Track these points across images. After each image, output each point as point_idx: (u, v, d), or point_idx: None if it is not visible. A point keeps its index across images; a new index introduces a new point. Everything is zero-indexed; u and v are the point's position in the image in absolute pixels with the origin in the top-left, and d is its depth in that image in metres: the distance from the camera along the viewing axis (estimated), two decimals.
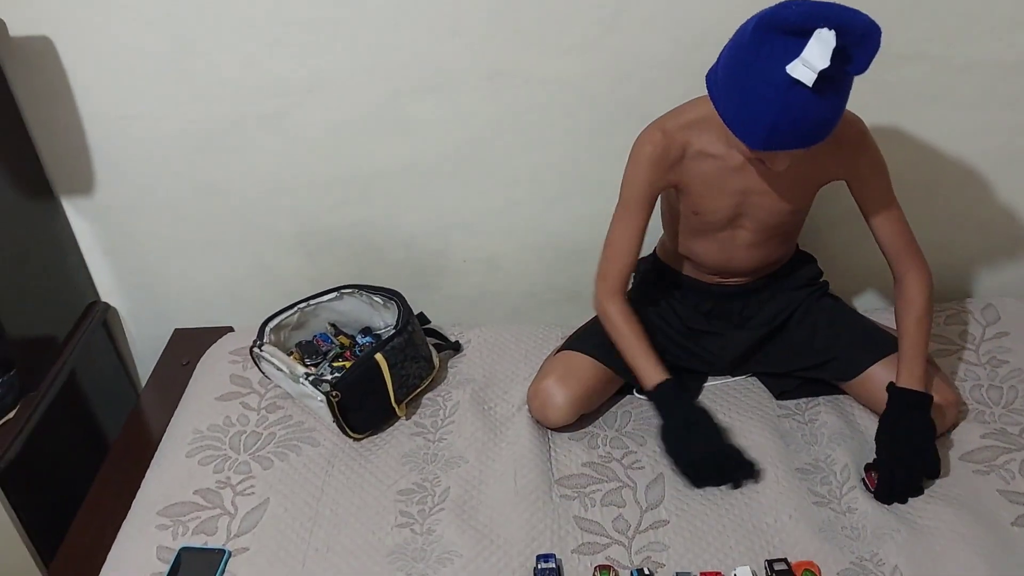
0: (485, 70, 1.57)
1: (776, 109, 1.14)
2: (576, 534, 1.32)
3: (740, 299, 1.56)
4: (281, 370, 1.46)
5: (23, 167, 1.64)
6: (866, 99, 1.58)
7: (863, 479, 1.37)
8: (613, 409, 1.55)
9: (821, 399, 1.53)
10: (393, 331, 1.51)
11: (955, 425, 1.44)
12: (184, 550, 1.30)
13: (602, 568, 1.25)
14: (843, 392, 1.52)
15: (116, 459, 1.54)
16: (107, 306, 1.87)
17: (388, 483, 1.41)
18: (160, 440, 1.53)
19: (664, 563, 1.26)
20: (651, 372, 1.42)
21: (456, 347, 1.68)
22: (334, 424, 1.45)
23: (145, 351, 1.93)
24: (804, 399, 1.54)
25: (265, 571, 1.27)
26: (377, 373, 1.44)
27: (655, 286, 1.61)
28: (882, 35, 1.11)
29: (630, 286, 1.54)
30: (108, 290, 1.86)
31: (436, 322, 1.76)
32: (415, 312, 1.72)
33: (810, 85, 1.10)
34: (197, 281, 1.85)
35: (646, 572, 1.24)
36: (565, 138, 1.65)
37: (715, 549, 1.28)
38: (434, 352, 1.61)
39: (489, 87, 1.59)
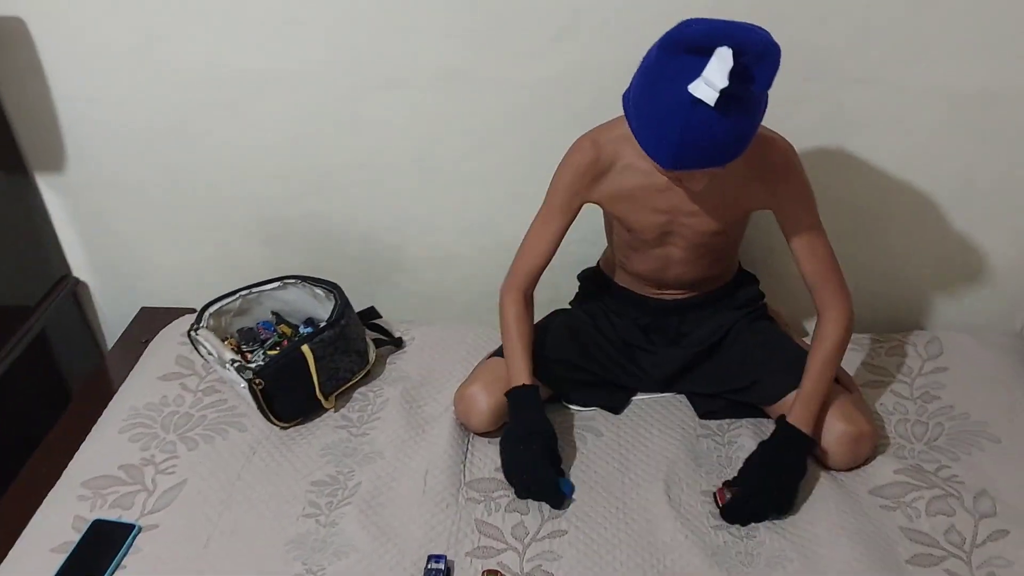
0: (442, 70, 1.60)
1: (681, 128, 1.14)
2: (474, 537, 1.34)
3: (677, 314, 1.56)
4: (211, 354, 1.51)
5: (5, 154, 1.72)
6: (819, 122, 1.58)
7: (715, 493, 1.38)
8: None
9: (745, 422, 1.53)
10: (325, 324, 1.54)
11: (871, 458, 1.43)
12: (97, 521, 1.35)
13: (490, 572, 1.28)
14: (768, 416, 1.52)
15: (60, 430, 1.60)
16: (77, 280, 1.94)
17: (304, 473, 1.45)
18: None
19: (553, 573, 1.28)
20: (518, 374, 1.44)
21: (398, 343, 1.72)
22: None
23: (114, 327, 1.99)
24: (728, 420, 1.54)
25: (168, 548, 1.33)
26: (303, 365, 1.48)
27: (595, 297, 1.62)
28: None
29: (573, 296, 1.56)
30: (79, 265, 1.93)
31: (389, 317, 1.79)
32: (369, 306, 1.77)
33: (712, 104, 1.11)
34: (165, 262, 1.91)
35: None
36: (519, 142, 1.67)
37: (606, 563, 1.30)
38: (372, 347, 1.64)
39: (445, 87, 1.62)
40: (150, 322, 1.87)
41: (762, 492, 1.34)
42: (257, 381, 1.45)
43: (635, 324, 1.58)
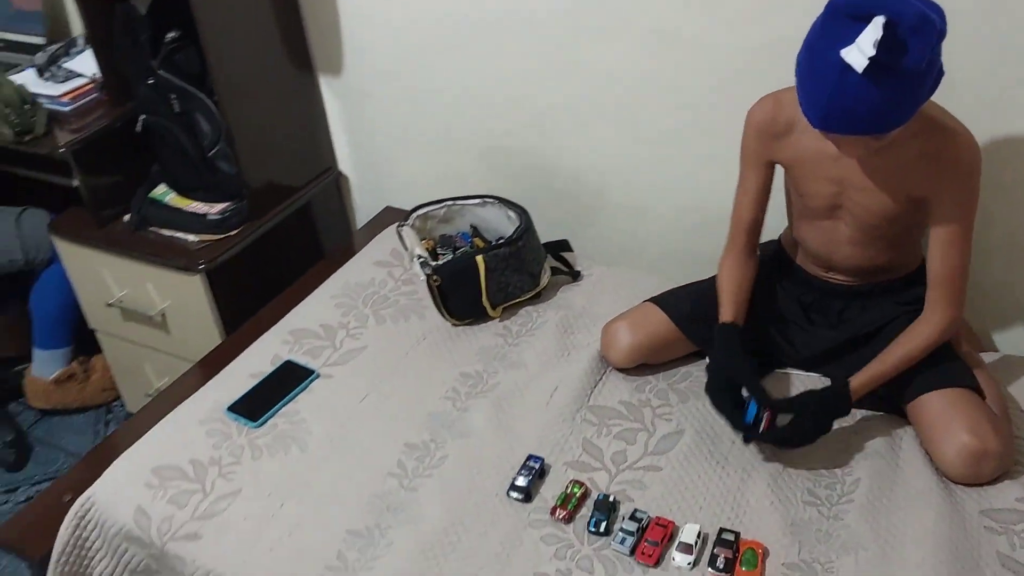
0: (657, 27, 1.70)
1: (830, 90, 1.18)
2: (576, 451, 1.48)
3: (842, 299, 1.57)
4: (406, 249, 1.76)
5: (293, 45, 2.07)
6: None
7: (761, 415, 1.40)
8: (680, 367, 1.65)
9: (880, 415, 1.51)
10: (503, 241, 1.73)
11: (995, 479, 1.37)
12: (288, 361, 1.67)
13: (576, 482, 1.42)
14: (903, 415, 1.49)
15: (292, 290, 1.95)
16: (340, 173, 2.29)
17: (458, 364, 1.66)
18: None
19: (632, 499, 1.39)
20: (723, 312, 1.53)
21: (575, 276, 1.87)
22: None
23: (362, 216, 2.33)
24: (863, 410, 1.53)
25: (334, 395, 1.61)
26: (474, 272, 1.69)
27: (767, 268, 1.66)
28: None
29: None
30: (344, 160, 2.28)
31: (580, 253, 1.94)
32: (563, 239, 1.93)
33: (859, 70, 1.13)
34: (407, 169, 2.20)
35: (610, 499, 1.38)
36: (723, 105, 1.72)
37: (686, 504, 1.38)
38: (547, 273, 1.81)
39: (658, 44, 1.72)
40: (389, 218, 2.16)
41: (800, 429, 1.41)
42: (435, 277, 1.68)
43: (797, 301, 1.61)
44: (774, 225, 1.65)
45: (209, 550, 1.36)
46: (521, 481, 1.42)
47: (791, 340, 1.60)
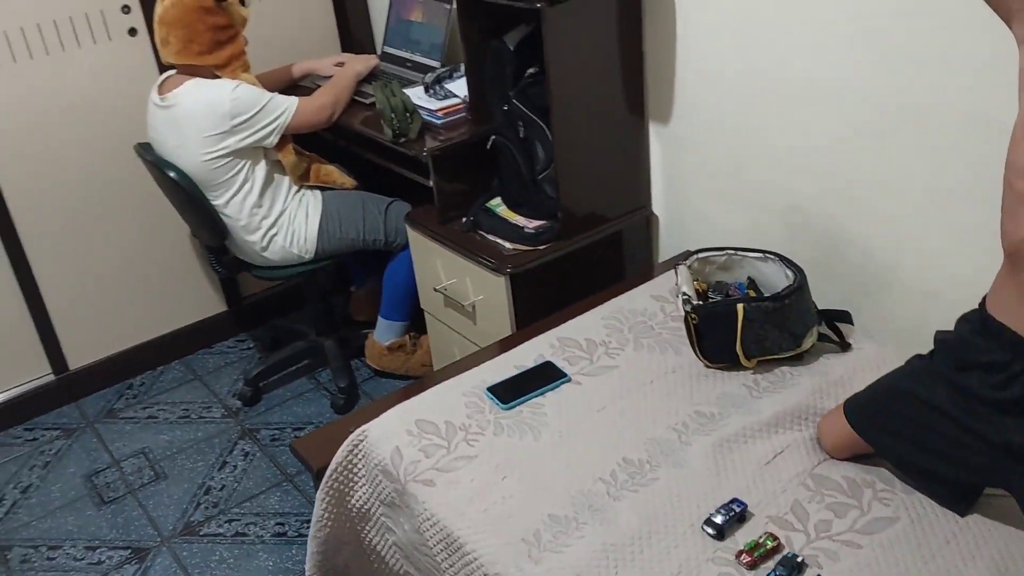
0: (978, 114, 1.66)
1: None
2: (783, 508, 1.50)
3: None
4: (677, 285, 1.88)
5: (631, 92, 2.29)
6: None
7: None
8: None
9: None
10: (770, 296, 1.79)
11: None
12: (547, 362, 1.87)
13: (771, 535, 1.44)
14: None
15: (579, 305, 2.15)
16: (651, 213, 2.46)
17: (694, 401, 1.75)
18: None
19: (821, 567, 1.39)
20: None
21: (844, 346, 1.86)
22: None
23: (664, 253, 2.48)
24: None
25: (575, 400, 1.78)
26: (732, 319, 1.76)
27: (970, 359, 1.35)
28: None
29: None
30: (657, 201, 2.44)
31: (861, 326, 1.92)
32: (846, 310, 1.93)
33: None
34: (712, 217, 2.31)
35: (799, 559, 1.40)
36: None
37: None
38: (812, 337, 1.82)
39: (979, 136, 1.68)
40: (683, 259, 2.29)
41: None
42: (692, 316, 1.78)
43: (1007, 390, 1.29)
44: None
45: (437, 496, 1.59)
46: (718, 519, 1.48)
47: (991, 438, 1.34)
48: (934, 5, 1.67)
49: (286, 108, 2.48)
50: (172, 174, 2.50)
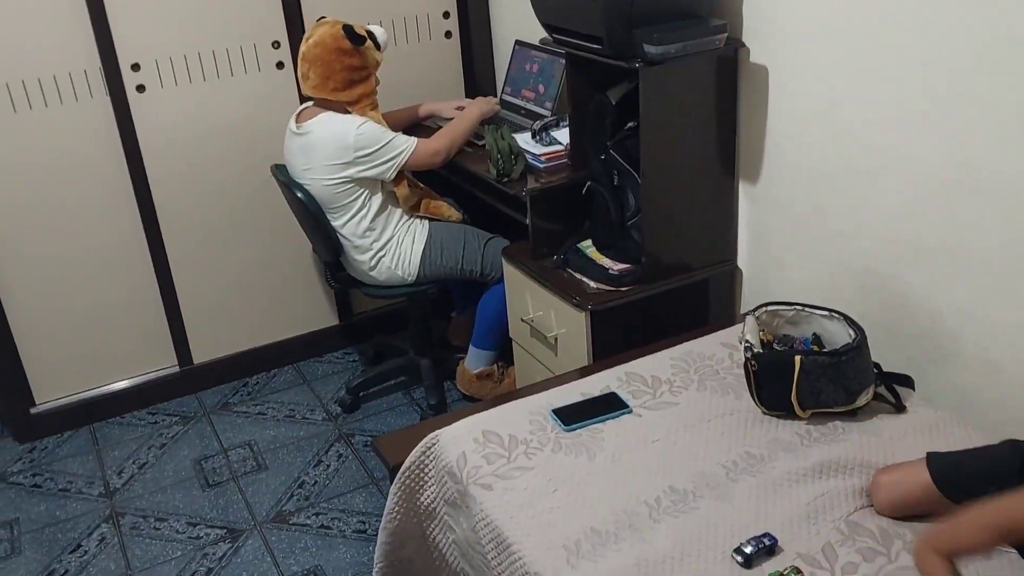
0: None
1: None
2: (811, 547, 1.58)
3: None
4: (742, 333, 1.99)
5: (723, 152, 2.42)
6: None
7: None
8: None
9: None
10: (828, 351, 1.87)
11: None
12: (612, 392, 2.01)
13: (796, 569, 1.53)
14: None
15: (653, 345, 2.28)
16: (736, 267, 2.57)
17: (746, 445, 1.84)
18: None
19: None
20: None
21: (898, 408, 1.92)
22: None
23: (747, 304, 2.58)
24: None
25: (630, 431, 1.90)
26: (789, 368, 1.85)
27: None
28: None
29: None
30: (743, 257, 2.55)
31: (923, 393, 1.98)
32: (908, 375, 1.99)
33: None
34: (790, 272, 2.40)
35: None
36: None
37: None
38: (867, 395, 1.89)
39: None
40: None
41: None
42: (753, 363, 1.89)
43: None
44: None
45: (493, 500, 1.75)
46: (748, 548, 1.57)
47: None
48: (1011, 83, 1.75)
49: (404, 148, 2.73)
50: (299, 194, 2.78)
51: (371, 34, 2.72)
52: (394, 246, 2.86)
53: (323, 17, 2.80)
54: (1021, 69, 1.73)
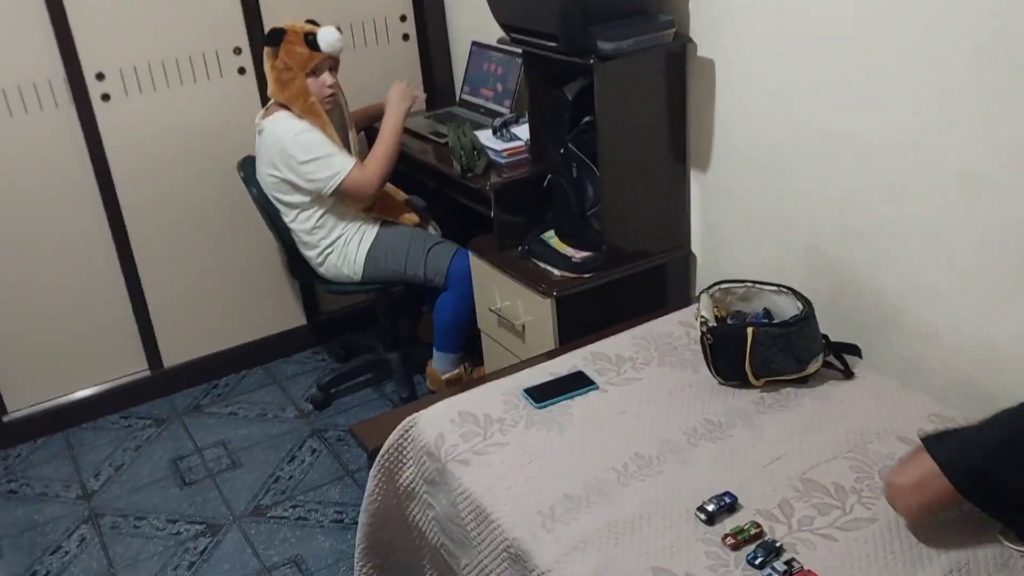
0: (961, 170, 1.88)
1: None
2: (769, 504, 1.70)
3: None
4: (698, 310, 2.11)
5: (674, 142, 2.55)
6: None
7: None
8: None
9: None
10: (779, 322, 2.00)
11: None
12: (580, 371, 2.11)
13: (756, 523, 1.65)
14: None
15: (616, 327, 2.39)
16: (689, 251, 2.70)
17: (705, 412, 1.96)
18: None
19: (797, 553, 1.58)
20: None
21: (847, 375, 2.05)
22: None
23: (700, 285, 2.70)
24: None
25: (596, 407, 2.00)
26: (742, 340, 1.98)
27: None
28: None
29: None
30: (696, 242, 2.68)
31: (866, 362, 2.12)
32: (855, 344, 2.13)
33: None
34: (741, 257, 2.53)
35: (777, 544, 1.59)
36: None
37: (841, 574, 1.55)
38: (817, 363, 2.02)
39: (966, 186, 1.89)
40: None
41: None
42: (708, 336, 2.01)
43: None
44: None
45: (471, 475, 1.84)
46: (710, 507, 1.69)
47: None
48: (944, 67, 1.89)
49: (339, 171, 2.79)
50: (253, 189, 2.92)
51: (308, 33, 2.77)
52: (341, 245, 2.95)
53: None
54: (953, 55, 1.87)
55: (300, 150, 2.77)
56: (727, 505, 1.69)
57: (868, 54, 2.04)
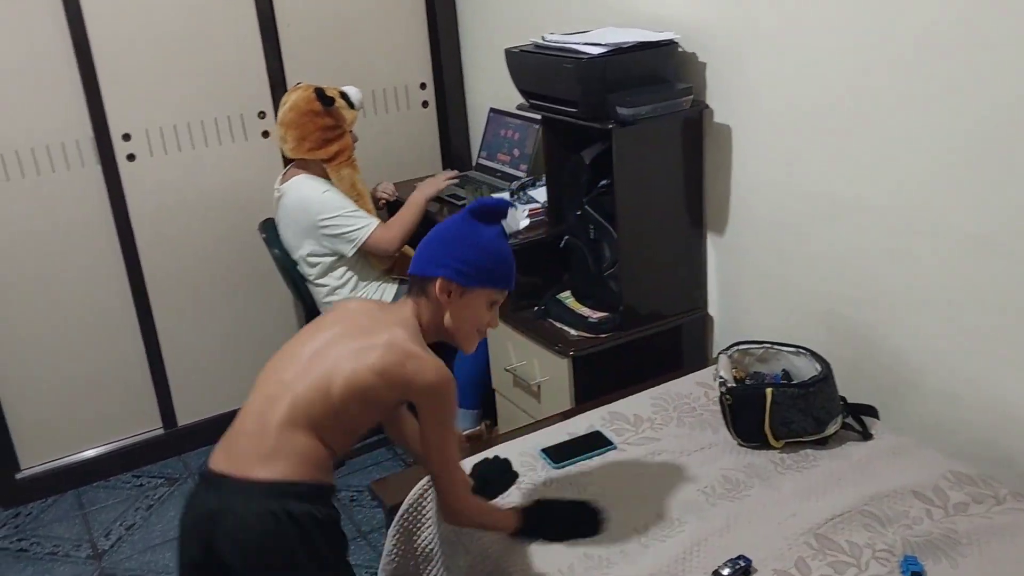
0: (971, 232, 1.91)
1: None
2: (786, 564, 1.68)
3: None
4: (716, 370, 2.12)
5: (691, 206, 2.58)
6: None
7: None
8: None
9: None
10: (798, 383, 2.00)
11: None
12: (598, 431, 2.11)
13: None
14: None
15: (634, 387, 2.39)
16: (707, 314, 2.71)
17: (724, 471, 1.95)
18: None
19: None
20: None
21: (865, 436, 2.04)
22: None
23: (717, 347, 2.71)
24: None
25: (614, 466, 2.00)
26: (761, 401, 1.98)
27: None
28: None
29: None
30: (713, 304, 2.70)
31: (884, 423, 2.12)
32: (871, 405, 2.13)
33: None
34: (759, 319, 2.55)
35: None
36: None
37: None
38: (836, 424, 2.02)
39: (974, 248, 1.91)
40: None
41: None
42: (727, 396, 2.01)
43: None
44: None
45: (491, 534, 1.83)
46: (725, 571, 1.67)
47: None
48: (948, 135, 1.94)
49: (365, 226, 2.87)
50: (276, 250, 2.96)
51: (343, 94, 2.88)
52: None
53: (299, 83, 2.95)
54: (956, 125, 1.92)
55: (329, 206, 2.84)
56: (742, 568, 1.68)
57: (875, 124, 2.08)
